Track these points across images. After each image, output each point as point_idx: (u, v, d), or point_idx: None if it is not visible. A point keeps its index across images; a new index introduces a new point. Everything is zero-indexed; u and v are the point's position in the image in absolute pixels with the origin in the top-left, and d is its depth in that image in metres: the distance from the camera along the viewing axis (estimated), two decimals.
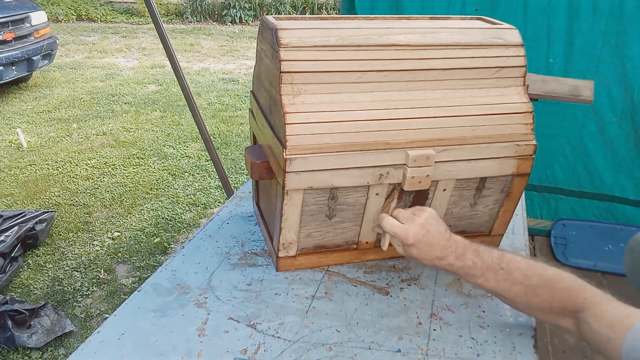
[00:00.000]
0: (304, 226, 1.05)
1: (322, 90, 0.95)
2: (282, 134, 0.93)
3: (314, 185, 0.97)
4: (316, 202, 1.02)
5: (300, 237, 1.07)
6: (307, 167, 0.94)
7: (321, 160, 0.94)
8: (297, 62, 0.94)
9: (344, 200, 1.03)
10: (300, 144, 0.93)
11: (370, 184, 1.00)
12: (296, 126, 0.93)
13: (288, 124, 0.92)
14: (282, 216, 1.01)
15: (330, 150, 0.95)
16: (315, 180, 0.96)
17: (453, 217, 1.14)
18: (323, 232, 1.08)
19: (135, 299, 1.00)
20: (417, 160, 0.97)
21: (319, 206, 1.03)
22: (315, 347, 0.89)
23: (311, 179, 0.96)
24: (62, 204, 3.39)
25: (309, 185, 0.97)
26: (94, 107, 5.36)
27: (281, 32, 0.94)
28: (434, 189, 1.06)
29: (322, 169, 0.95)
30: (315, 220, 1.05)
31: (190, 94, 2.58)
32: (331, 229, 1.08)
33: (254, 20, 10.12)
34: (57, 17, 9.76)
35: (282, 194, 0.97)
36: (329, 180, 0.97)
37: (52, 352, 2.19)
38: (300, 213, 1.02)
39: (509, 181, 1.09)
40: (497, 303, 1.02)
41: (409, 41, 0.99)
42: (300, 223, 1.04)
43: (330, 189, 1.00)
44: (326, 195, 1.01)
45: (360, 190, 1.02)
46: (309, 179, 0.96)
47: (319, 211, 1.03)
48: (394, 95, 0.99)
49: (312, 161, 0.94)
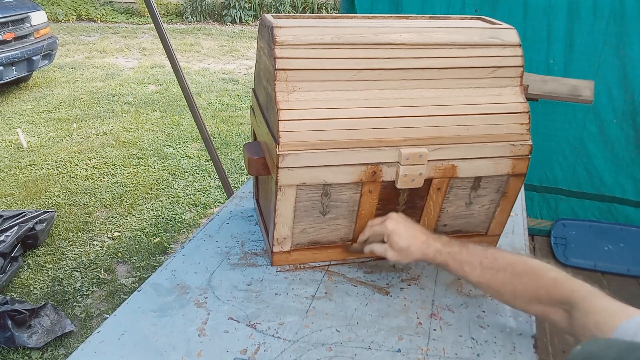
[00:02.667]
0: (298, 222, 1.06)
1: (316, 88, 0.96)
2: (276, 130, 0.95)
3: (306, 182, 0.98)
4: (309, 198, 1.03)
5: (294, 233, 1.08)
6: (299, 163, 0.95)
7: (314, 157, 0.96)
8: (292, 59, 0.94)
9: (337, 197, 1.04)
10: (293, 141, 0.94)
11: (363, 181, 1.01)
12: (289, 123, 0.94)
13: (281, 120, 0.93)
14: (276, 211, 1.02)
15: (323, 147, 0.96)
16: (308, 176, 0.97)
17: (448, 216, 1.14)
18: (317, 229, 1.09)
19: (135, 299, 1.00)
20: (410, 159, 0.98)
21: (312, 202, 1.04)
22: (315, 347, 0.89)
23: (304, 175, 0.97)
24: (62, 204, 3.39)
25: (301, 182, 0.98)
26: (94, 107, 5.36)
27: (277, 29, 0.95)
28: (427, 187, 1.06)
29: (314, 165, 0.96)
30: (309, 217, 1.06)
31: (190, 94, 2.58)
32: (325, 225, 1.09)
33: (254, 20, 10.12)
34: (57, 17, 9.76)
35: (275, 190, 0.98)
36: (322, 176, 0.98)
37: (52, 352, 2.19)
38: (294, 209, 1.03)
39: (504, 181, 1.09)
40: (497, 303, 1.02)
41: (405, 40, 1.00)
42: (294, 219, 1.05)
43: (324, 186, 1.01)
44: (319, 192, 1.02)
45: (354, 187, 1.03)
46: (301, 175, 0.97)
47: (312, 207, 1.04)
48: (389, 94, 1.00)
49: (304, 157, 0.95)
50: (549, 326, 2.29)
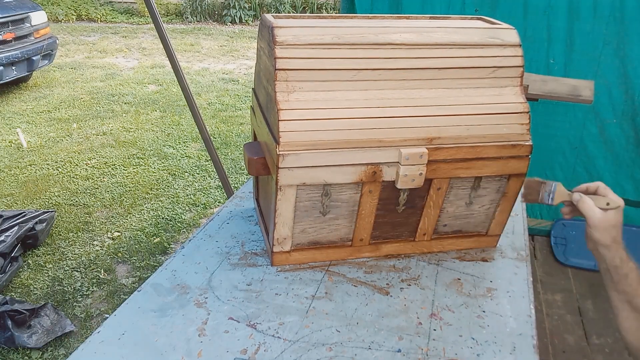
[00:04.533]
0: (298, 222, 1.06)
1: (316, 88, 0.96)
2: (276, 130, 0.95)
3: (306, 182, 0.98)
4: (309, 198, 1.03)
5: (294, 233, 1.08)
6: (299, 163, 0.95)
7: (314, 157, 0.96)
8: (292, 59, 0.95)
9: (338, 197, 1.04)
10: (293, 141, 0.94)
11: (363, 181, 1.01)
12: (289, 123, 0.94)
13: (281, 120, 0.93)
14: (276, 211, 1.02)
15: (323, 147, 0.96)
16: (308, 176, 0.97)
17: (448, 215, 1.14)
18: (317, 229, 1.09)
19: (135, 299, 1.00)
20: (410, 159, 0.98)
21: (312, 202, 1.04)
22: (315, 347, 0.89)
23: (304, 175, 0.97)
24: (62, 204, 3.39)
25: (301, 182, 0.98)
26: (94, 107, 5.36)
27: (277, 29, 0.95)
28: (428, 187, 1.06)
29: (315, 165, 0.96)
30: (309, 217, 1.06)
31: (190, 94, 2.58)
32: (325, 225, 1.09)
33: (254, 20, 10.12)
34: (57, 17, 9.76)
35: (275, 190, 0.98)
36: (322, 176, 0.98)
37: (52, 352, 2.19)
38: (294, 209, 1.03)
39: (504, 181, 1.09)
40: (497, 303, 1.02)
41: (405, 40, 1.00)
42: (294, 219, 1.05)
43: (324, 186, 1.01)
44: (319, 192, 1.02)
45: (354, 187, 1.03)
46: (301, 175, 0.97)
47: (312, 207, 1.04)
48: (389, 94, 1.00)
49: (304, 158, 0.95)
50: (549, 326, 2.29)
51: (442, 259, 1.17)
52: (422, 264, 1.14)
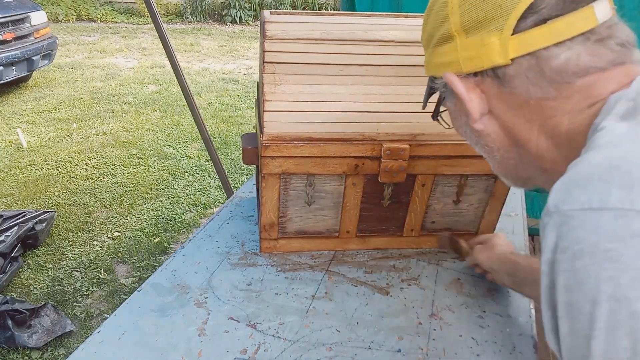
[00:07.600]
0: (285, 210, 1.09)
1: (303, 81, 0.99)
2: (262, 120, 0.98)
3: (289, 171, 1.01)
4: (294, 187, 1.06)
5: (281, 221, 1.11)
6: (282, 153, 0.98)
7: (297, 148, 0.98)
8: (280, 53, 0.97)
9: (322, 187, 1.06)
10: (277, 131, 0.98)
11: (346, 174, 1.03)
12: (274, 114, 0.97)
13: (266, 111, 0.97)
14: (262, 199, 1.05)
15: (307, 138, 0.99)
16: (291, 166, 1.00)
17: (436, 212, 1.15)
18: (304, 218, 1.11)
19: (135, 299, 1.00)
20: (392, 153, 1.00)
21: (297, 192, 1.07)
22: (315, 347, 0.89)
23: (286, 164, 1.00)
24: (62, 204, 3.39)
25: (284, 170, 1.01)
26: (94, 107, 5.36)
27: (268, 24, 0.97)
28: (412, 183, 1.08)
29: (298, 156, 0.99)
30: (295, 205, 1.09)
31: (190, 94, 2.58)
32: (311, 215, 1.11)
33: (254, 20, 10.12)
34: (57, 17, 9.76)
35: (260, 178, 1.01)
36: (305, 167, 1.01)
37: (52, 352, 2.19)
38: (279, 197, 1.06)
39: (492, 181, 1.10)
40: (497, 303, 1.02)
41: (394, 37, 1.01)
42: (279, 207, 1.08)
43: (307, 176, 1.04)
44: (303, 182, 1.05)
45: (337, 179, 1.05)
46: (284, 165, 1.00)
47: (297, 197, 1.07)
48: (375, 89, 1.02)
49: (287, 148, 0.98)
50: None
51: (442, 259, 1.17)
52: (422, 264, 1.14)
